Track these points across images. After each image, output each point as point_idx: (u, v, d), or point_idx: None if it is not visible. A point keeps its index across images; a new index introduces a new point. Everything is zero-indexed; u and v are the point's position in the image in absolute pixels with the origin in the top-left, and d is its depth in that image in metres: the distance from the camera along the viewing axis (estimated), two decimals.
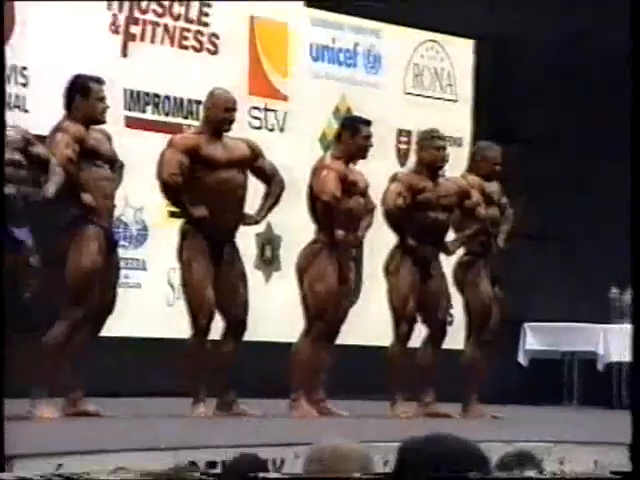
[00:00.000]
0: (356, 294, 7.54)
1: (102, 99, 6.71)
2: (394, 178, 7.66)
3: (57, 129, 6.61)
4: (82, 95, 6.63)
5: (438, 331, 7.65)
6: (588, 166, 10.10)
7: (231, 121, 6.97)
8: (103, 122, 6.75)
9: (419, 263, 7.55)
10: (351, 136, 7.39)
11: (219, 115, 6.96)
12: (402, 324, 7.54)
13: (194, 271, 6.88)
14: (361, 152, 7.40)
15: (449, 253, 7.75)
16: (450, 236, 7.79)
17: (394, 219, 7.50)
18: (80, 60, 7.92)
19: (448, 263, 7.93)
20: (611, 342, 9.74)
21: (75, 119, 6.64)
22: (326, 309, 7.26)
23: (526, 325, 10.14)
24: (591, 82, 9.98)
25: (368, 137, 7.43)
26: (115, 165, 6.81)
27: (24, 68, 8.00)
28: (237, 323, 7.02)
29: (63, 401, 6.60)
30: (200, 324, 6.88)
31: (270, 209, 7.15)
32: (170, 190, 6.91)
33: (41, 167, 6.40)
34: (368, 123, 7.49)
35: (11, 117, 6.63)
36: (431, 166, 7.63)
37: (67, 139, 6.56)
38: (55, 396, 6.58)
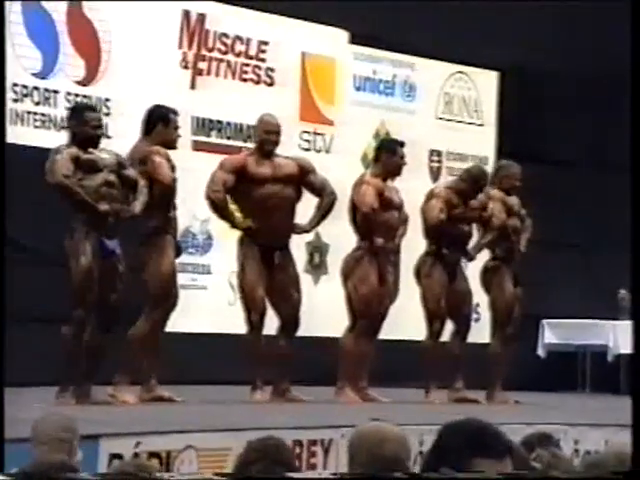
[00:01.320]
0: (394, 294, 7.56)
1: (177, 128, 6.77)
2: (432, 195, 7.68)
3: (152, 152, 6.58)
4: (163, 123, 6.67)
5: (463, 326, 7.67)
6: (600, 181, 10.06)
7: (272, 142, 6.96)
8: (175, 148, 6.80)
9: (447, 267, 7.58)
10: (388, 156, 7.42)
11: (261, 137, 6.99)
12: (435, 321, 7.57)
13: (247, 274, 6.91)
14: (396, 170, 7.43)
15: (470, 258, 7.78)
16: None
17: (435, 231, 7.54)
18: (155, 92, 7.99)
19: (476, 267, 7.94)
20: (619, 336, 9.69)
21: (158, 144, 6.67)
22: (368, 308, 7.29)
23: (544, 321, 10.11)
24: (603, 104, 9.94)
25: (402, 157, 7.46)
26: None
27: (107, 100, 8.08)
28: (290, 321, 7.04)
29: (140, 388, 6.65)
30: (253, 320, 6.92)
31: (321, 219, 7.15)
32: (213, 205, 6.96)
33: (130, 187, 6.45)
34: (402, 145, 7.52)
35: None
36: (464, 193, 7.64)
37: (165, 162, 6.61)
38: (134, 384, 6.63)
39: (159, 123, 6.68)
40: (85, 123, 6.33)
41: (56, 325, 6.35)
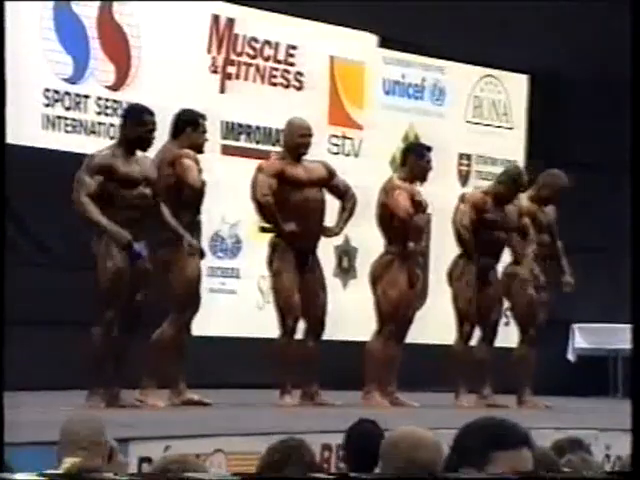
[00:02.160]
0: (423, 298, 7.54)
1: (205, 132, 6.78)
2: (463, 199, 7.67)
3: (181, 155, 6.60)
4: (193, 127, 6.68)
5: (490, 332, 7.65)
6: (630, 184, 9.97)
7: (307, 145, 6.98)
8: (203, 152, 6.81)
9: (479, 272, 7.55)
10: (415, 160, 7.41)
11: (295, 140, 6.99)
12: (465, 324, 7.54)
13: (284, 279, 6.93)
14: (423, 174, 7.43)
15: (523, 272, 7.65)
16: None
17: (461, 235, 7.53)
18: (184, 96, 8.01)
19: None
20: None
21: (186, 147, 6.67)
22: (397, 312, 7.28)
23: (575, 326, 10.06)
24: (627, 109, 9.87)
25: (429, 162, 7.45)
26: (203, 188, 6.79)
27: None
28: (317, 323, 7.06)
29: (170, 392, 6.66)
30: (288, 325, 6.93)
31: (346, 221, 7.17)
32: (263, 209, 6.97)
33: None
34: (430, 149, 7.51)
35: None
36: (502, 196, 7.60)
37: (194, 165, 6.62)
38: (163, 387, 6.64)
39: (188, 127, 6.69)
40: (142, 124, 6.34)
41: (58, 328, 6.36)
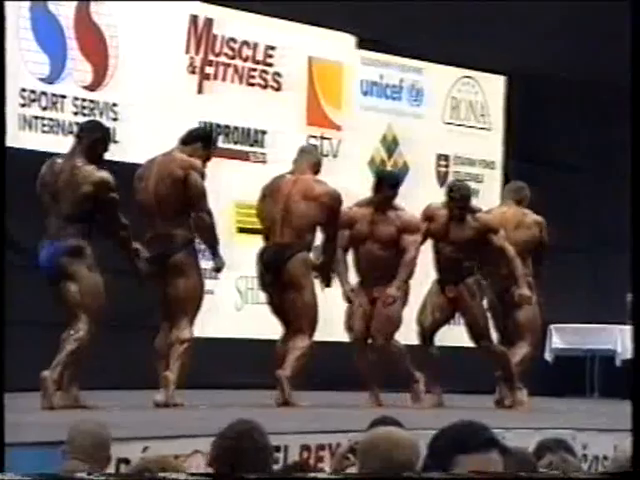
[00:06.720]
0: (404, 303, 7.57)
1: (209, 157, 6.74)
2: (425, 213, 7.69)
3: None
4: (203, 145, 6.70)
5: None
6: (607, 184, 10.04)
7: None
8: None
9: (441, 286, 7.55)
10: (387, 189, 7.41)
11: None
12: (418, 330, 7.58)
13: (312, 285, 7.07)
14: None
15: (526, 299, 7.63)
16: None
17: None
18: (162, 97, 7.99)
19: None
20: (627, 341, 9.67)
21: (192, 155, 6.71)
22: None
23: (552, 326, 10.09)
24: (610, 109, 9.93)
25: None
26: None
27: (114, 105, 8.10)
28: None
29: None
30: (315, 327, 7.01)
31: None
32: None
33: None
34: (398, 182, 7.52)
35: None
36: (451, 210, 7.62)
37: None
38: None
39: (199, 142, 6.70)
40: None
41: (55, 330, 6.37)
